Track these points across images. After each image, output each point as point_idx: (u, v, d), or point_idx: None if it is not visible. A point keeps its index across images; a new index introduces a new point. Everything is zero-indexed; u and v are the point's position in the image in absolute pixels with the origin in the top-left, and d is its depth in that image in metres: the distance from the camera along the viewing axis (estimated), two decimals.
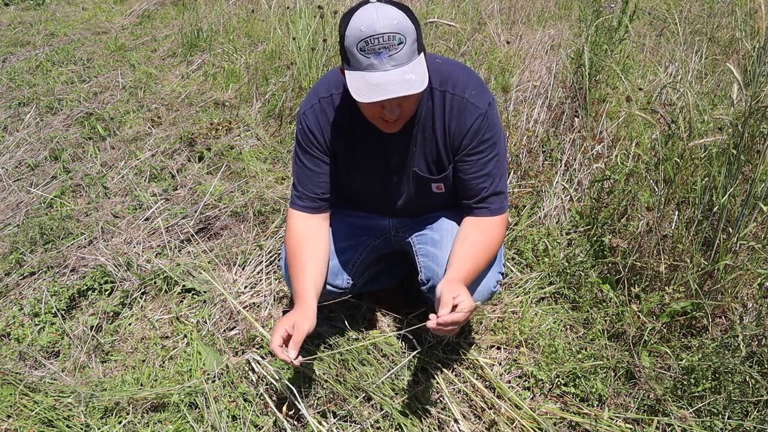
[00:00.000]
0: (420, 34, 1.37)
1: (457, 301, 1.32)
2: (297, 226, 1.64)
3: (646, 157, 2.29)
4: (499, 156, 1.57)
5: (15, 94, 3.98)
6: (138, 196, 2.76)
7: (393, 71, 1.32)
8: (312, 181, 1.64)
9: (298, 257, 1.59)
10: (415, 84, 1.32)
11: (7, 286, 2.26)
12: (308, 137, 1.61)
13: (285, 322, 1.43)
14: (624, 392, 1.72)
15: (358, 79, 1.33)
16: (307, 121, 1.60)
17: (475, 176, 1.57)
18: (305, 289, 1.53)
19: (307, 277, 1.56)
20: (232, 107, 3.61)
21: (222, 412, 1.66)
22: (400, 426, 1.62)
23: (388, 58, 1.31)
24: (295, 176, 1.67)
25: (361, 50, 1.31)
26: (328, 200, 1.67)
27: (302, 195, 1.65)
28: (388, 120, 1.43)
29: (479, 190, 1.57)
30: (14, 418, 1.65)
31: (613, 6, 3.11)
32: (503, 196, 1.59)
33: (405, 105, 1.41)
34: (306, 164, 1.63)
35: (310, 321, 1.45)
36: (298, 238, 1.62)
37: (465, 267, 1.47)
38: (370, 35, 1.29)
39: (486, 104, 1.53)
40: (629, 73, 3.27)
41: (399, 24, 1.30)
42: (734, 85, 1.86)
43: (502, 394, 1.71)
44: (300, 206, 1.65)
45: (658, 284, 1.94)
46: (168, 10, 5.97)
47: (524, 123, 2.87)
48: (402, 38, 1.31)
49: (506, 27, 4.32)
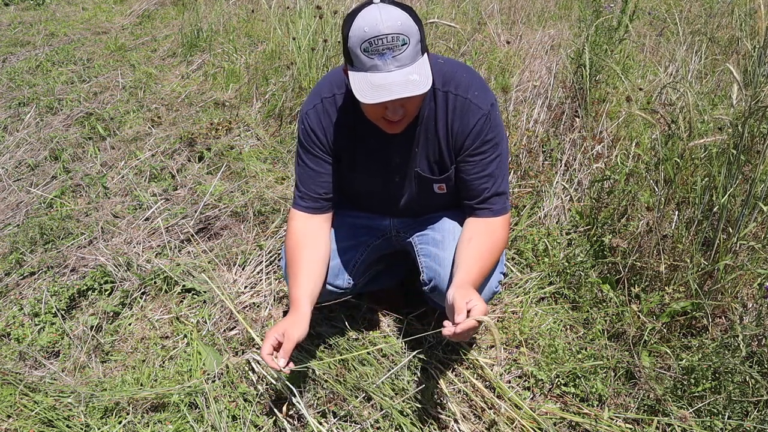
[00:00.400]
0: (423, 34, 1.37)
1: (471, 306, 1.30)
2: (297, 227, 1.64)
3: (646, 157, 2.29)
4: (502, 156, 1.57)
5: (15, 94, 3.98)
6: (138, 196, 2.76)
7: (397, 72, 1.31)
8: (314, 181, 1.63)
9: (296, 261, 1.58)
10: (419, 85, 1.31)
11: (7, 286, 2.26)
12: (310, 137, 1.61)
13: (276, 330, 1.42)
14: (624, 392, 1.72)
15: (362, 80, 1.33)
16: (309, 121, 1.60)
17: (478, 176, 1.56)
18: (300, 296, 1.51)
19: (303, 282, 1.54)
20: (232, 107, 3.61)
21: (222, 412, 1.66)
22: (400, 426, 1.62)
23: (392, 59, 1.31)
24: (297, 176, 1.67)
25: (364, 51, 1.31)
26: (330, 200, 1.66)
27: (304, 195, 1.64)
28: (391, 120, 1.43)
29: (481, 191, 1.57)
30: (14, 418, 1.65)
31: (613, 6, 3.11)
32: (505, 197, 1.59)
33: (408, 106, 1.41)
34: (308, 164, 1.63)
35: (301, 329, 1.44)
36: (297, 240, 1.62)
37: (473, 270, 1.46)
38: (373, 36, 1.29)
39: (488, 105, 1.53)
40: (629, 73, 3.27)
41: (403, 25, 1.30)
42: (734, 85, 1.86)
43: (502, 394, 1.71)
44: (302, 207, 1.65)
45: (658, 284, 1.94)
46: (168, 10, 5.97)
47: (524, 123, 2.87)
48: (406, 39, 1.30)
49: (506, 27, 4.32)
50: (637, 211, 2.16)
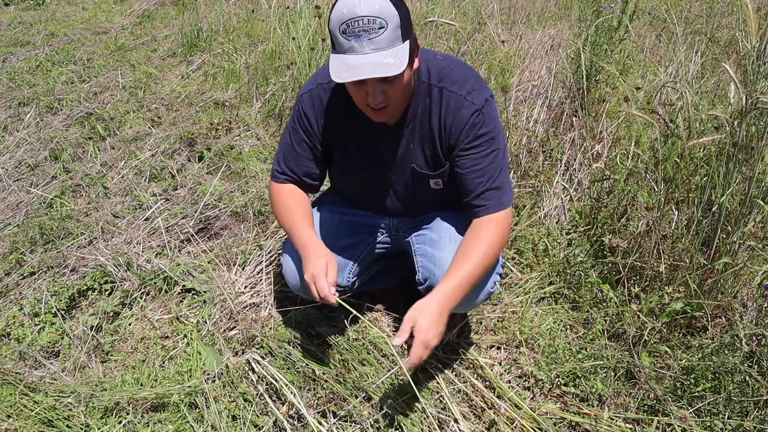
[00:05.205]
0: (406, 21, 1.37)
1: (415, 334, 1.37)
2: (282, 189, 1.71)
3: (646, 156, 2.30)
4: (498, 152, 1.56)
5: (15, 94, 3.98)
6: (138, 196, 2.76)
7: (372, 54, 1.33)
8: (296, 162, 1.68)
9: (293, 209, 1.66)
10: (391, 67, 1.32)
11: (7, 286, 2.26)
12: (302, 120, 1.64)
13: (320, 268, 1.48)
14: (624, 392, 1.72)
15: (338, 61, 1.35)
16: (303, 104, 1.64)
17: (471, 170, 1.56)
18: (311, 234, 1.59)
19: (307, 224, 1.63)
20: (232, 107, 3.61)
21: (222, 412, 1.66)
22: (400, 426, 1.62)
23: (368, 41, 1.32)
24: (280, 151, 1.72)
25: (342, 33, 1.33)
26: (306, 185, 1.72)
27: (282, 171, 1.71)
28: (373, 107, 1.44)
29: (476, 185, 1.56)
30: (14, 418, 1.65)
31: (612, 6, 3.11)
32: (501, 192, 1.56)
33: (390, 92, 1.41)
34: (294, 145, 1.68)
35: (333, 261, 1.53)
36: (285, 195, 1.70)
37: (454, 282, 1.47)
38: (350, 18, 1.31)
39: (483, 100, 1.52)
40: (629, 73, 3.28)
41: (381, 9, 1.31)
42: (731, 84, 1.86)
43: (502, 394, 1.71)
44: (281, 180, 1.72)
45: (658, 284, 1.94)
46: (168, 10, 5.97)
47: (524, 123, 2.87)
48: (383, 23, 1.31)
49: (506, 27, 4.32)
50: (636, 210, 2.16)
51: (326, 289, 1.46)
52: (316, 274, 1.47)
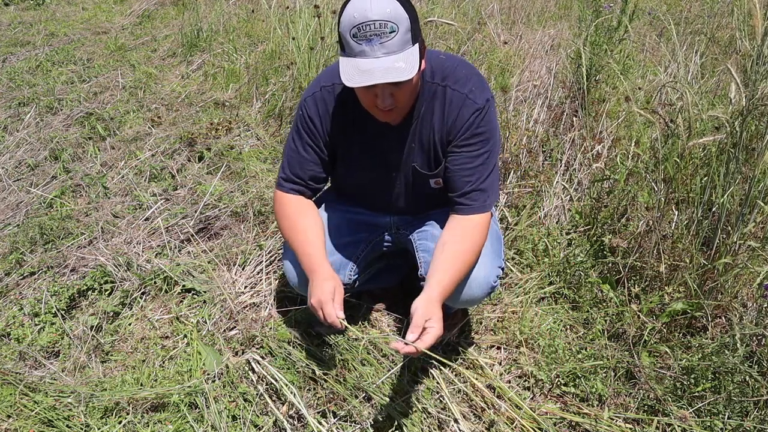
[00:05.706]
0: (416, 24, 1.37)
1: (428, 326, 1.33)
2: (288, 202, 1.68)
3: (646, 156, 2.30)
4: (490, 154, 1.56)
5: (15, 94, 3.98)
6: (138, 196, 2.76)
7: (384, 59, 1.32)
8: (301, 167, 1.66)
9: (300, 228, 1.62)
10: (403, 72, 1.32)
11: (7, 286, 2.26)
12: (307, 124, 1.63)
13: (327, 293, 1.47)
14: (624, 392, 1.72)
15: (349, 65, 1.35)
16: (307, 108, 1.62)
17: (461, 168, 1.56)
18: (320, 255, 1.56)
19: (316, 243, 1.59)
20: (232, 107, 3.61)
21: (222, 412, 1.66)
22: (400, 426, 1.62)
23: (379, 45, 1.32)
24: (285, 158, 1.69)
25: (353, 37, 1.32)
26: (311, 189, 1.69)
27: (288, 178, 1.68)
28: (382, 109, 1.44)
29: (463, 183, 1.56)
30: (14, 418, 1.65)
31: (612, 6, 3.11)
32: (486, 194, 1.56)
33: (398, 94, 1.42)
34: (299, 149, 1.65)
35: (340, 283, 1.52)
36: (291, 211, 1.66)
37: (445, 279, 1.45)
38: (362, 22, 1.30)
39: (484, 100, 1.53)
40: (629, 73, 3.27)
41: (392, 12, 1.31)
42: (732, 84, 1.86)
43: (502, 394, 1.71)
44: (286, 188, 1.69)
45: (658, 284, 1.94)
46: (168, 10, 5.97)
47: (524, 123, 2.87)
48: (394, 26, 1.31)
49: (506, 27, 4.32)
50: (636, 210, 2.16)
51: (333, 315, 1.44)
52: (324, 300, 1.46)
